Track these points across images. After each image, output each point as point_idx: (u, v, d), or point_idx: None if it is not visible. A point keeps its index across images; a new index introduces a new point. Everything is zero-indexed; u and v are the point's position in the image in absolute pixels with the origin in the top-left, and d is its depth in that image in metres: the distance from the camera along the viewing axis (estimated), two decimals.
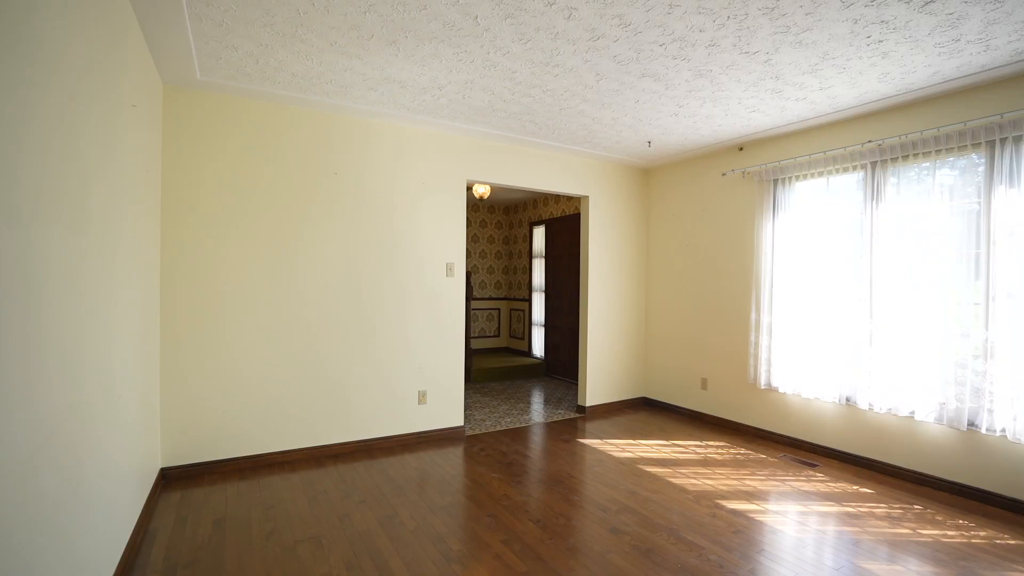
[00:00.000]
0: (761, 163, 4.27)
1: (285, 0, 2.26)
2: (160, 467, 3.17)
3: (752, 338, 4.27)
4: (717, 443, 4.15)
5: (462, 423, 4.29)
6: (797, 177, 4.05)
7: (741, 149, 4.50)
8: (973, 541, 2.58)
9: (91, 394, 1.78)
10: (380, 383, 3.89)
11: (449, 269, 4.22)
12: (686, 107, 3.53)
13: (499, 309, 8.36)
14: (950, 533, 2.66)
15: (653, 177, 5.40)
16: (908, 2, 2.19)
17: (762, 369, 4.22)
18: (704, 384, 4.82)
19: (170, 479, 3.21)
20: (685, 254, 5.03)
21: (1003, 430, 2.93)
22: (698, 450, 3.97)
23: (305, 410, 3.61)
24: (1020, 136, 2.89)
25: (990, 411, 2.98)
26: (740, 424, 4.49)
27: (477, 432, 4.36)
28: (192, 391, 3.25)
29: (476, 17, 2.37)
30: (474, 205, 8.08)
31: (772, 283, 4.16)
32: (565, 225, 6.80)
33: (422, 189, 4.06)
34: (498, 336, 8.37)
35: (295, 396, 3.57)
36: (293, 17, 2.41)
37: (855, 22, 2.37)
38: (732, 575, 2.25)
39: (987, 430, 3.00)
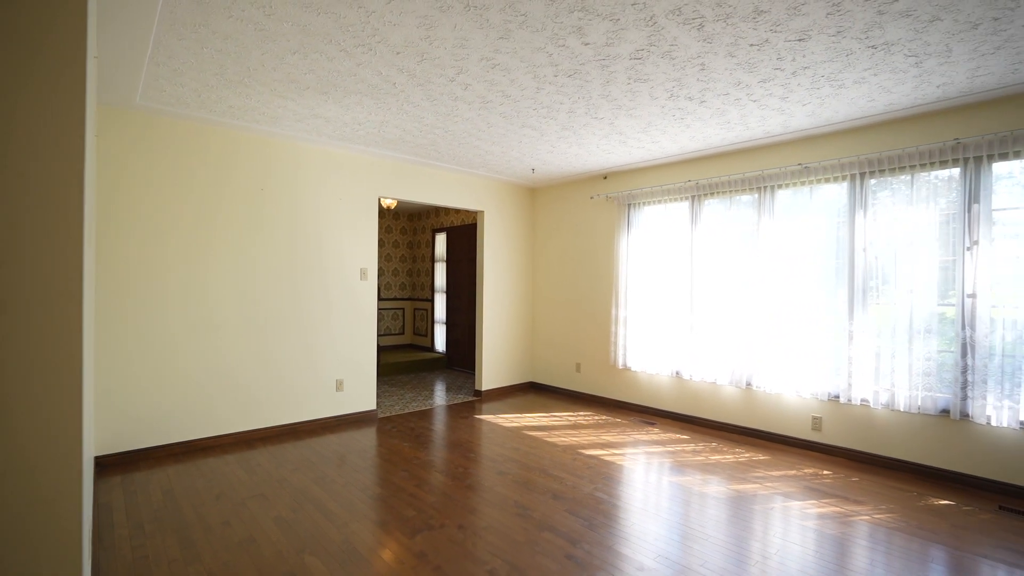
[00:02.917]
0: (619, 190, 5.42)
1: (239, 59, 2.82)
2: (93, 455, 3.47)
3: (613, 329, 5.40)
4: (586, 413, 5.22)
5: (375, 407, 4.93)
6: (645, 203, 5.23)
7: (605, 178, 5.62)
8: (739, 460, 3.81)
9: None
10: (304, 372, 4.43)
11: (363, 273, 4.84)
12: (558, 147, 4.51)
13: (404, 309, 8.97)
14: (728, 457, 3.88)
15: (538, 196, 6.41)
16: (692, 98, 3.30)
17: (620, 353, 5.36)
18: (578, 368, 5.90)
19: (104, 466, 3.52)
20: (563, 261, 6.08)
21: (759, 385, 4.26)
22: (570, 418, 5.00)
23: (235, 398, 4.06)
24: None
25: (756, 374, 4.29)
26: (605, 398, 5.61)
27: (388, 415, 5.03)
28: (126, 384, 3.59)
29: (395, 83, 3.10)
30: (381, 213, 8.61)
31: (627, 286, 5.31)
32: (464, 233, 7.62)
33: (339, 204, 4.65)
34: (403, 334, 8.97)
35: (225, 386, 4.01)
36: (243, 71, 2.96)
37: (662, 107, 3.45)
38: (581, 492, 3.21)
39: (756, 387, 4.32)
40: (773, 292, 4.24)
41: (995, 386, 3.19)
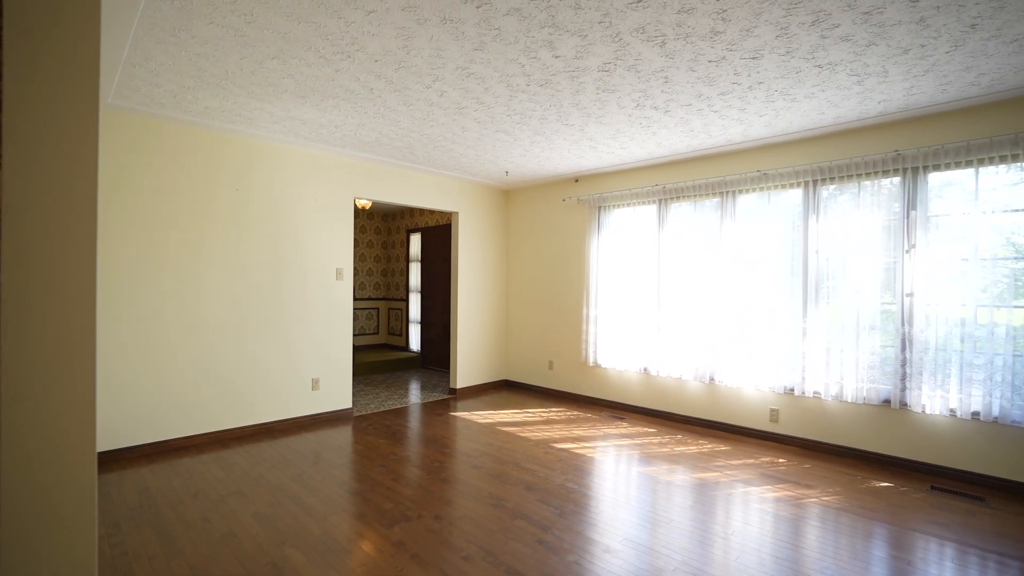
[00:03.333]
0: (589, 193, 5.60)
1: (217, 62, 2.87)
2: None
3: (584, 328, 5.58)
4: (558, 409, 5.38)
5: (351, 406, 4.99)
6: (614, 206, 5.42)
7: (577, 181, 5.80)
8: (702, 451, 4.02)
9: None
10: (280, 371, 4.45)
11: (339, 273, 4.89)
12: (531, 152, 4.66)
13: (378, 308, 8.99)
14: (692, 448, 4.09)
15: (512, 198, 6.55)
16: (657, 108, 3.48)
17: (591, 351, 5.54)
18: (551, 365, 6.06)
19: None
20: (536, 262, 6.23)
21: (722, 380, 4.49)
22: (543, 414, 5.15)
23: (209, 398, 4.06)
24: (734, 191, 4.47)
25: (719, 370, 4.53)
26: (576, 394, 5.79)
27: (364, 413, 5.09)
28: (99, 384, 3.56)
29: (372, 89, 3.19)
30: (356, 213, 8.59)
31: (597, 286, 5.49)
32: (438, 233, 7.70)
33: (315, 204, 4.68)
34: (377, 333, 8.99)
35: (200, 386, 4.01)
36: (220, 74, 3.01)
37: (630, 116, 3.63)
38: (553, 483, 3.36)
39: (719, 382, 4.55)
40: (735, 292, 4.48)
41: (929, 378, 3.48)
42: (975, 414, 3.33)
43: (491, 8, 2.25)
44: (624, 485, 3.35)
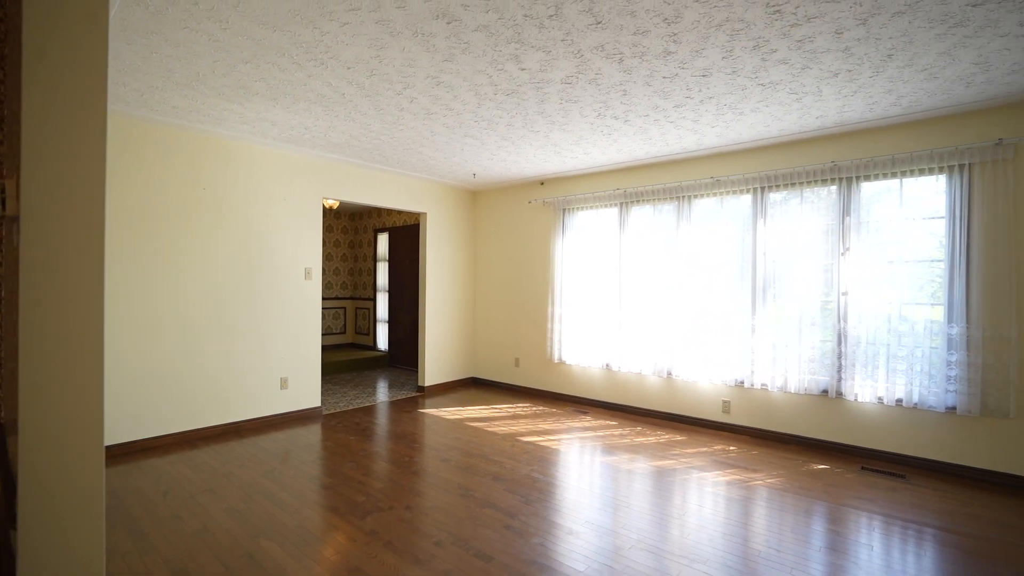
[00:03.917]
0: (554, 196, 5.80)
1: (188, 64, 2.90)
2: None
3: (549, 326, 5.77)
4: (524, 404, 5.55)
5: (320, 404, 5.03)
6: (578, 208, 5.63)
7: (542, 184, 5.99)
8: (660, 441, 4.27)
9: None
10: (248, 371, 4.46)
11: (307, 272, 4.92)
12: (497, 155, 4.81)
13: (345, 308, 8.96)
14: (651, 439, 4.33)
15: (480, 199, 6.68)
16: (617, 117, 3.69)
17: (556, 348, 5.74)
18: (517, 363, 6.24)
19: None
20: (503, 262, 6.39)
21: (679, 375, 4.77)
22: (509, 410, 5.31)
23: (176, 398, 4.04)
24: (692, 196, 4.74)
25: (676, 365, 4.80)
26: (542, 390, 5.98)
27: (333, 411, 5.13)
28: None
29: (344, 94, 3.28)
30: (323, 212, 8.54)
31: (562, 285, 5.70)
32: (406, 233, 7.76)
33: (284, 204, 4.70)
34: (344, 333, 8.96)
35: (166, 386, 3.99)
36: (192, 76, 3.03)
37: (591, 124, 3.83)
38: (519, 474, 3.52)
39: (676, 376, 4.82)
40: (691, 292, 4.75)
41: (861, 369, 3.82)
42: (899, 401, 3.68)
43: (461, 24, 2.39)
44: (587, 474, 3.55)
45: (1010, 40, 2.43)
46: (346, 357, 7.56)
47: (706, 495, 3.20)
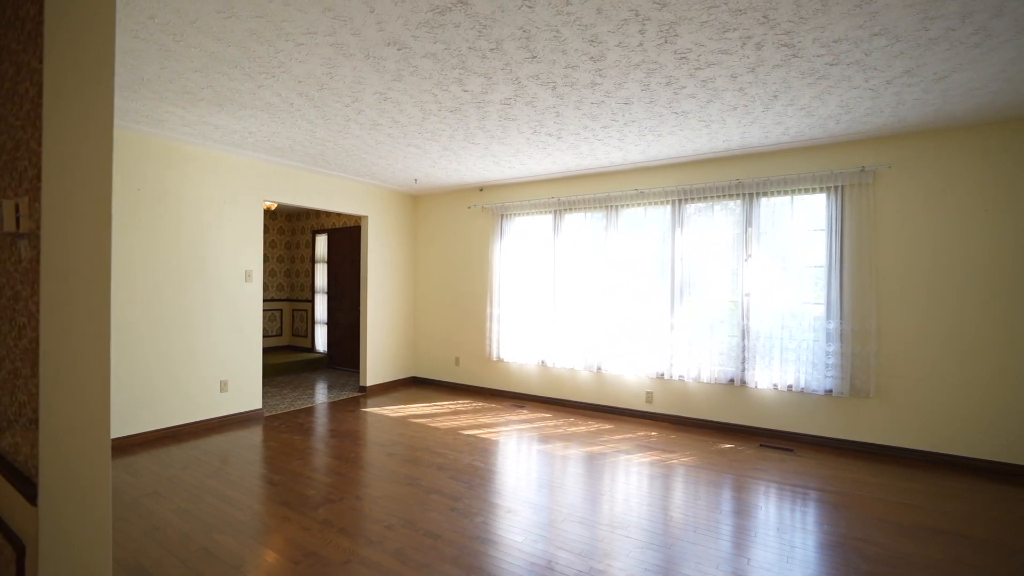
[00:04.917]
0: (493, 202, 6.10)
1: (134, 70, 2.92)
2: None
3: (488, 325, 6.06)
4: (465, 401, 5.81)
5: (261, 406, 5.03)
6: (515, 214, 5.96)
7: (481, 190, 6.26)
8: (591, 430, 4.68)
9: None
10: (186, 374, 4.40)
11: (248, 275, 4.91)
12: (439, 164, 5.04)
13: (281, 310, 8.81)
14: (582, 428, 4.73)
15: (421, 203, 6.86)
16: (551, 134, 4.04)
17: (494, 347, 6.03)
18: (457, 361, 6.48)
19: None
20: (443, 264, 6.61)
21: (607, 369, 5.21)
22: (451, 407, 5.55)
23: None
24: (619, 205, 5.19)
25: (605, 360, 5.24)
26: (482, 388, 6.26)
27: (275, 413, 5.15)
28: None
29: (292, 103, 3.40)
30: None
31: (500, 286, 6.00)
32: (347, 235, 7.78)
33: (224, 206, 4.68)
34: (281, 335, 8.80)
35: None
36: (135, 81, 3.05)
37: (528, 139, 4.16)
38: (461, 463, 3.78)
39: (604, 371, 5.26)
40: (618, 293, 5.20)
41: (760, 360, 4.40)
42: (789, 387, 4.29)
43: (410, 51, 2.62)
44: (524, 461, 3.87)
45: (862, 91, 3.01)
46: (284, 359, 7.47)
47: (631, 475, 3.60)
